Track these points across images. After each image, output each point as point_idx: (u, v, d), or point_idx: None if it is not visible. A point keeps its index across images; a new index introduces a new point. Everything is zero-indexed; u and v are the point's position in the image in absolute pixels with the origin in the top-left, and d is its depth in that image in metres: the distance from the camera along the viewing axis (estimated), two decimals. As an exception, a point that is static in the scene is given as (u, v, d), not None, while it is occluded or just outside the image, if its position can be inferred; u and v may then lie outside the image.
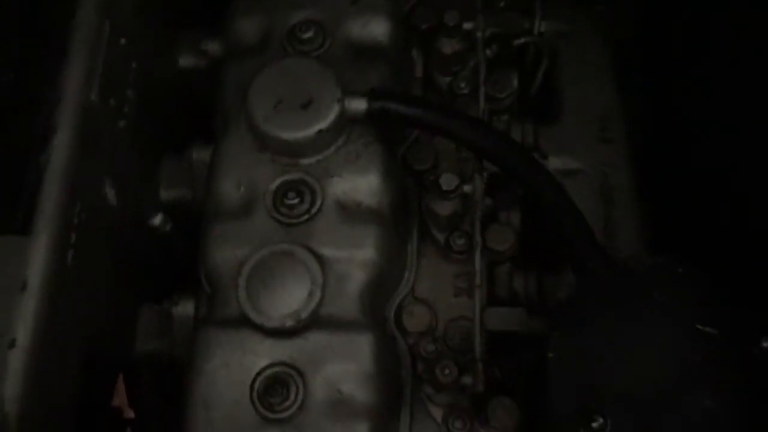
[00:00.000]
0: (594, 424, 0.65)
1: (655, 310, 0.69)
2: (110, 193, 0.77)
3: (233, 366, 0.74)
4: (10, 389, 0.66)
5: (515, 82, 0.94)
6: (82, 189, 0.74)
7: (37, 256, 0.70)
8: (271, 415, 0.72)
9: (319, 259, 0.76)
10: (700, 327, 0.67)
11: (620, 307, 0.70)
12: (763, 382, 0.67)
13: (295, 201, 0.78)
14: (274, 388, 0.72)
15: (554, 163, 0.93)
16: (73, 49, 0.76)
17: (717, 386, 0.67)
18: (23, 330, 0.68)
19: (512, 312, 0.85)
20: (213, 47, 0.96)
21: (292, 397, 0.73)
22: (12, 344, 0.67)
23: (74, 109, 0.75)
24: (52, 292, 0.70)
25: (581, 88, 0.98)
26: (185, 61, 1.00)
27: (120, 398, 0.95)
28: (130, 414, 1.03)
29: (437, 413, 0.81)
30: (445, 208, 0.84)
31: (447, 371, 0.76)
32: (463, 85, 0.91)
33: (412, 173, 0.90)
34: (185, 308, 0.87)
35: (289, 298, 0.74)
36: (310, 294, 0.74)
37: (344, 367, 0.74)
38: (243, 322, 0.75)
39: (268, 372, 0.73)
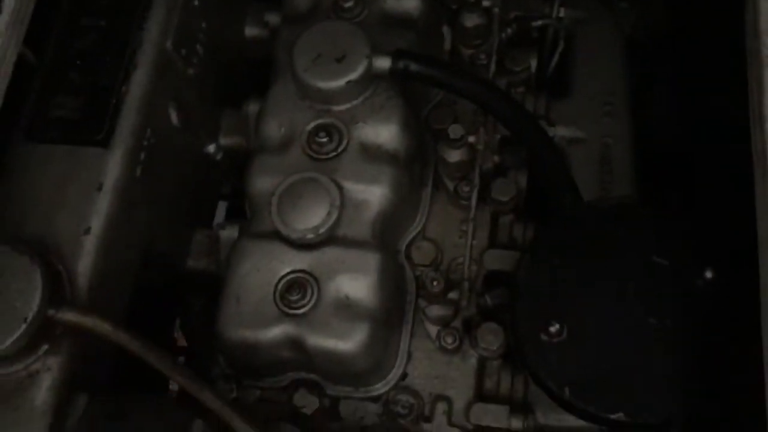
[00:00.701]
0: (551, 329, 0.77)
1: (614, 241, 0.81)
2: (173, 116, 0.93)
3: (262, 270, 0.89)
4: (82, 265, 0.83)
5: (532, 59, 1.08)
6: (153, 117, 0.91)
7: (113, 166, 0.87)
8: (289, 311, 0.87)
9: (340, 187, 0.90)
10: (653, 258, 0.78)
11: (585, 238, 0.82)
12: (704, 308, 0.78)
13: (325, 139, 0.92)
14: (294, 289, 0.87)
15: (561, 131, 1.05)
16: (155, 3, 0.93)
17: (663, 308, 0.78)
18: (97, 221, 0.85)
19: (508, 254, 0.98)
20: (274, 19, 1.12)
21: (308, 298, 0.87)
22: (87, 231, 0.84)
23: (152, 52, 0.92)
24: (121, 196, 0.87)
25: (592, 69, 1.09)
26: (250, 31, 1.17)
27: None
28: (182, 342, 1.20)
29: (433, 332, 0.95)
30: (452, 156, 0.97)
31: (435, 282, 0.89)
32: (482, 56, 1.04)
33: (432, 132, 1.04)
34: (231, 233, 1.02)
35: (312, 215, 0.88)
36: (329, 213, 0.88)
37: (353, 278, 0.88)
38: (273, 235, 0.90)
39: (290, 277, 0.88)
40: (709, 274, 0.77)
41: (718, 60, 1.07)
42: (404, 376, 0.95)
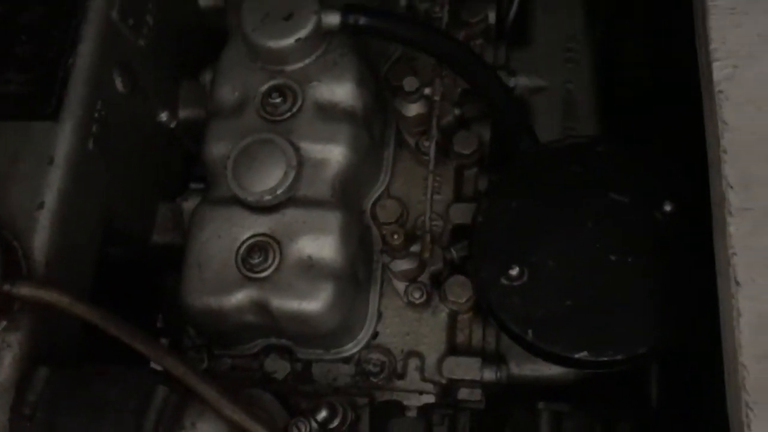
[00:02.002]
0: (511, 272, 0.76)
1: (571, 180, 0.79)
2: (118, 83, 0.92)
3: (223, 235, 0.88)
4: (38, 240, 0.82)
5: (489, 10, 1.06)
6: (102, 88, 0.89)
7: (63, 138, 0.85)
8: (252, 275, 0.86)
9: (296, 148, 0.89)
10: (611, 195, 0.77)
11: (541, 178, 0.81)
12: (664, 241, 0.77)
13: (278, 100, 0.91)
14: (255, 252, 0.86)
15: (522, 81, 1.04)
16: None
17: (623, 245, 0.77)
18: (50, 195, 0.83)
19: (473, 207, 0.96)
20: (229, -13, 1.11)
21: (270, 260, 0.86)
22: (41, 206, 0.83)
23: (97, 23, 0.90)
24: (74, 169, 0.85)
25: (551, 16, 1.08)
26: (205, 2, 1.15)
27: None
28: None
29: (401, 288, 0.94)
30: (410, 110, 0.96)
31: (396, 236, 0.88)
32: (437, 9, 1.03)
33: (392, 89, 1.03)
34: (194, 203, 1.01)
35: (268, 177, 0.87)
36: (285, 174, 0.87)
37: (314, 238, 0.87)
38: (231, 200, 0.89)
39: (251, 241, 0.87)
40: (668, 207, 0.76)
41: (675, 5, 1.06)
42: (375, 335, 0.94)
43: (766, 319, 0.58)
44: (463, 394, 0.94)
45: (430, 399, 0.91)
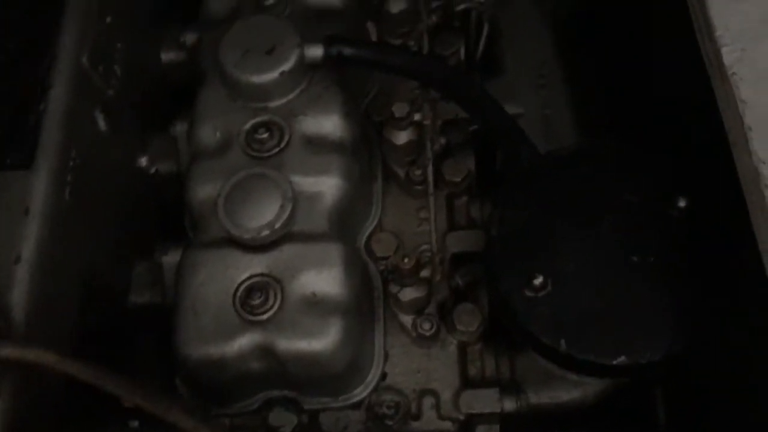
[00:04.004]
0: (535, 282, 0.73)
1: (579, 185, 0.78)
2: (101, 122, 0.86)
3: (218, 278, 0.82)
4: (16, 297, 0.74)
5: (460, 43, 1.06)
6: (76, 134, 0.84)
7: (38, 187, 0.79)
8: (253, 318, 0.80)
9: (289, 182, 0.85)
10: (623, 196, 0.76)
11: (549, 186, 0.79)
12: (684, 236, 0.75)
13: (265, 135, 0.87)
14: (255, 293, 0.80)
15: (501, 110, 1.04)
16: (67, 15, 0.87)
17: (643, 245, 0.75)
18: (27, 248, 0.76)
19: (470, 234, 0.94)
20: (191, 38, 1.08)
21: (271, 300, 0.80)
22: (17, 260, 0.76)
23: (68, 68, 0.85)
24: (51, 220, 0.79)
25: (520, 46, 1.09)
26: (167, 55, 1.12)
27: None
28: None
29: (408, 322, 0.89)
30: (400, 138, 0.93)
31: (406, 260, 0.84)
32: (412, 43, 1.02)
33: (374, 124, 1.01)
34: (175, 257, 0.94)
35: (264, 211, 0.82)
36: (282, 207, 0.82)
37: (317, 273, 0.82)
38: (223, 242, 0.84)
39: (249, 282, 0.81)
40: (682, 203, 0.76)
41: (634, 27, 1.10)
42: (384, 376, 0.88)
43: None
44: (481, 430, 0.89)
45: (450, 437, 0.85)
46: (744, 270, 0.69)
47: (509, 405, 0.85)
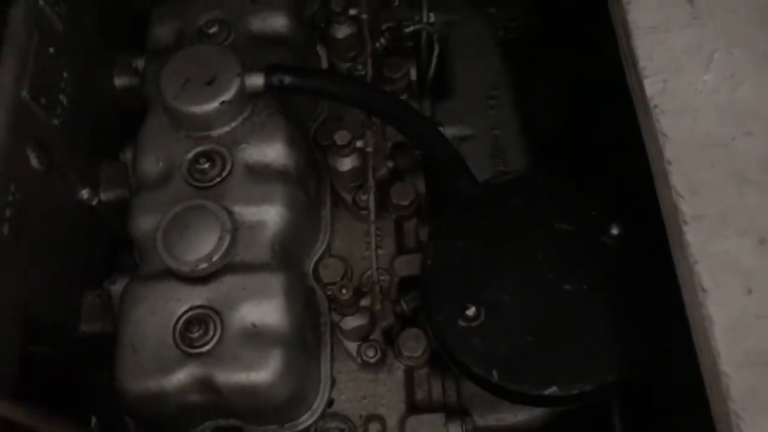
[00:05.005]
0: (468, 312, 0.73)
1: (514, 214, 0.78)
2: (33, 160, 0.86)
3: (158, 312, 0.82)
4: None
5: (410, 65, 1.06)
6: (15, 170, 0.84)
7: None
8: (192, 351, 0.80)
9: (229, 211, 0.85)
10: (556, 224, 0.76)
11: (484, 215, 0.79)
12: (615, 265, 0.75)
13: (206, 165, 0.87)
14: (194, 326, 0.80)
15: (450, 131, 1.04)
16: (5, 52, 0.87)
17: (576, 273, 0.75)
18: (-37, 286, 0.76)
19: (418, 258, 0.93)
20: (142, 63, 1.08)
21: (211, 333, 0.80)
22: (-47, 298, 0.76)
23: (6, 102, 0.85)
24: None
25: (471, 67, 1.10)
26: (120, 80, 1.11)
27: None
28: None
29: (353, 349, 0.89)
30: (344, 165, 0.93)
31: (344, 290, 0.84)
32: (360, 67, 1.02)
33: (321, 149, 1.01)
34: (123, 286, 0.95)
35: (202, 244, 0.82)
36: (221, 239, 0.82)
37: (257, 303, 0.82)
38: (164, 274, 0.84)
39: (189, 314, 0.81)
40: (615, 231, 0.76)
41: (585, 50, 1.10)
42: (330, 402, 0.88)
43: (738, 322, 0.57)
44: (430, 456, 0.89)
45: (396, 464, 0.85)
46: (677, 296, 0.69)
47: (455, 429, 0.85)
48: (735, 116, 0.65)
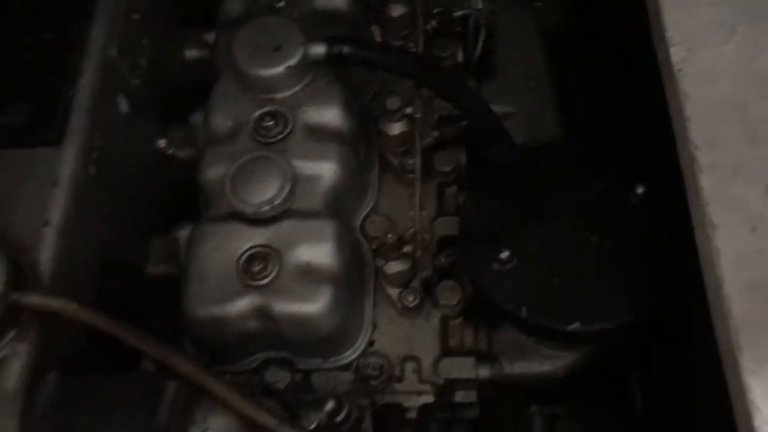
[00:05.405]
0: (502, 256, 0.81)
1: (549, 172, 0.86)
2: (123, 104, 0.97)
3: (222, 249, 0.92)
4: (43, 255, 0.84)
5: (456, 47, 1.15)
6: (101, 119, 0.94)
7: (66, 162, 0.89)
8: (252, 283, 0.89)
9: (290, 164, 0.94)
10: (588, 183, 0.84)
11: (521, 173, 0.87)
12: (638, 220, 0.83)
13: (271, 123, 0.97)
14: (255, 261, 0.90)
15: (493, 109, 1.12)
16: (97, 15, 0.98)
17: (602, 226, 0.83)
18: (54, 214, 0.87)
19: (456, 220, 1.02)
20: (212, 37, 1.18)
21: (269, 268, 0.90)
22: (46, 223, 0.86)
23: (97, 58, 0.96)
24: (76, 191, 0.89)
25: (513, 53, 1.18)
26: (190, 53, 1.22)
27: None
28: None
29: (394, 294, 0.98)
30: (393, 129, 1.02)
31: (389, 235, 0.93)
32: (411, 45, 1.12)
33: (373, 119, 1.10)
34: (188, 232, 1.04)
35: (266, 189, 0.92)
36: (282, 185, 0.92)
37: (312, 245, 0.91)
38: (229, 217, 0.93)
39: (251, 252, 0.91)
40: (640, 190, 0.83)
41: (616, 38, 1.18)
42: (371, 343, 0.97)
43: (742, 256, 0.64)
44: (459, 396, 0.97)
45: (428, 399, 0.93)
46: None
47: (484, 372, 0.93)
48: (752, 82, 0.72)
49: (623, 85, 1.15)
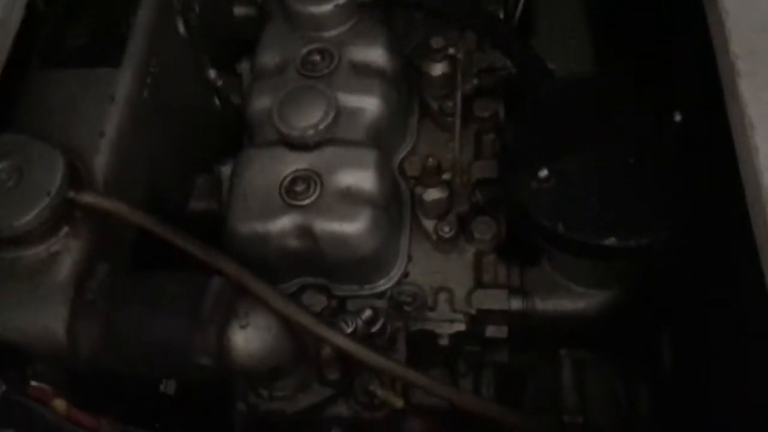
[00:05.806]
0: (541, 174, 0.83)
1: (589, 101, 0.89)
2: (180, 27, 1.01)
3: (267, 170, 0.95)
4: (98, 162, 0.89)
5: (497, 6, 1.19)
6: (156, 48, 0.99)
7: (123, 82, 0.94)
8: (295, 203, 0.92)
9: (335, 95, 0.98)
10: (624, 111, 0.86)
11: (564, 100, 0.90)
12: (675, 146, 0.85)
13: (318, 58, 1.01)
14: (298, 182, 0.93)
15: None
16: None
17: (639, 150, 0.85)
18: (110, 127, 0.91)
19: (493, 163, 1.05)
20: (260, -6, 1.23)
21: (312, 189, 0.93)
22: (101, 134, 0.90)
23: None
24: (130, 109, 0.93)
25: (553, 14, 1.22)
26: (239, 9, 1.27)
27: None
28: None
29: (430, 226, 1.00)
30: (436, 69, 1.06)
31: (430, 159, 0.95)
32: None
33: (414, 68, 1.13)
34: (231, 167, 1.08)
35: (311, 115, 0.95)
36: (326, 112, 0.95)
37: (353, 171, 0.94)
38: (275, 143, 0.97)
39: (294, 174, 0.94)
40: (677, 117, 0.85)
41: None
42: (406, 274, 0.99)
43: (779, 154, 0.66)
44: (490, 331, 0.98)
45: (460, 327, 0.95)
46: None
47: (516, 305, 0.95)
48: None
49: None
